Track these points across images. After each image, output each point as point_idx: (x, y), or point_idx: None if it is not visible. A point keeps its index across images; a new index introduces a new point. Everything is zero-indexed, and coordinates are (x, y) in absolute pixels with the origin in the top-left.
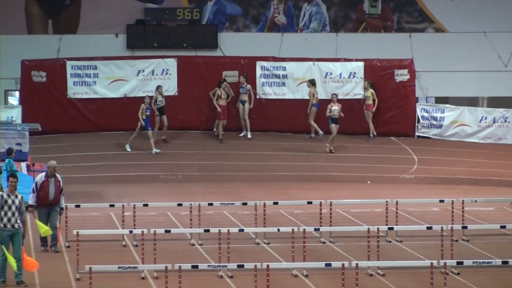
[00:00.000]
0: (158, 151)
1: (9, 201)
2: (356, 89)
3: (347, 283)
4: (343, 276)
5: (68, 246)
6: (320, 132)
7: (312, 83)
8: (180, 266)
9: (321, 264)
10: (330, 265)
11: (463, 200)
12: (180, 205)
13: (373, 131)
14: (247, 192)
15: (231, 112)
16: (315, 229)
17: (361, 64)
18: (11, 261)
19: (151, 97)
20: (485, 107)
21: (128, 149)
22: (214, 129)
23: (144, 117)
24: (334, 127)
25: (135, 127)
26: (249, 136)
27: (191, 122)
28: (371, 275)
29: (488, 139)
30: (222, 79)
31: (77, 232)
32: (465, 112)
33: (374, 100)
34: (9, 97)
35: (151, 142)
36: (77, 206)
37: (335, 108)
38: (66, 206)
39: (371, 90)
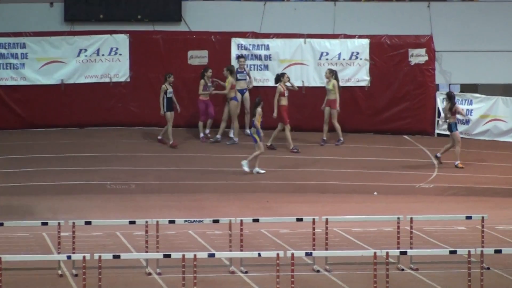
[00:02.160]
0: (262, 171)
1: None
2: (359, 73)
3: None
4: None
5: None
6: (236, 138)
7: (230, 70)
8: None
9: None
10: None
11: None
12: (133, 222)
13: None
14: (219, 207)
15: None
16: (307, 254)
17: (366, 41)
18: None
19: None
20: None
21: (246, 169)
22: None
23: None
24: (457, 135)
25: (75, 123)
26: (236, 139)
27: (146, 116)
28: None
29: None
30: (282, 72)
31: (0, 258)
32: (499, 103)
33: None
34: None
35: (255, 157)
36: (0, 224)
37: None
38: None
39: (333, 81)
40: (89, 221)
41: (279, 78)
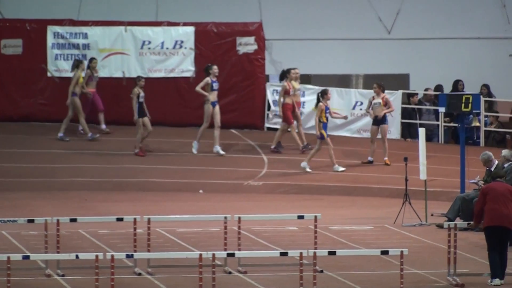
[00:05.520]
0: (309, 169)
1: None
2: (184, 63)
3: None
4: None
5: None
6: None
7: (77, 63)
8: None
9: None
10: None
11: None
12: None
13: None
14: (35, 205)
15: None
16: (128, 256)
17: (191, 29)
18: None
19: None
20: (361, 88)
21: (340, 168)
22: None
23: (325, 120)
24: (375, 130)
25: None
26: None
27: None
28: None
29: (364, 133)
30: (289, 68)
31: None
32: (333, 95)
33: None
34: None
35: (333, 158)
36: None
37: (376, 101)
38: None
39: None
40: None
41: (284, 74)
